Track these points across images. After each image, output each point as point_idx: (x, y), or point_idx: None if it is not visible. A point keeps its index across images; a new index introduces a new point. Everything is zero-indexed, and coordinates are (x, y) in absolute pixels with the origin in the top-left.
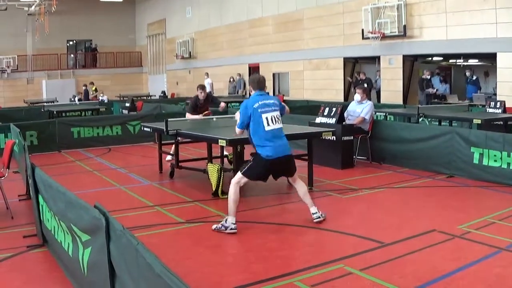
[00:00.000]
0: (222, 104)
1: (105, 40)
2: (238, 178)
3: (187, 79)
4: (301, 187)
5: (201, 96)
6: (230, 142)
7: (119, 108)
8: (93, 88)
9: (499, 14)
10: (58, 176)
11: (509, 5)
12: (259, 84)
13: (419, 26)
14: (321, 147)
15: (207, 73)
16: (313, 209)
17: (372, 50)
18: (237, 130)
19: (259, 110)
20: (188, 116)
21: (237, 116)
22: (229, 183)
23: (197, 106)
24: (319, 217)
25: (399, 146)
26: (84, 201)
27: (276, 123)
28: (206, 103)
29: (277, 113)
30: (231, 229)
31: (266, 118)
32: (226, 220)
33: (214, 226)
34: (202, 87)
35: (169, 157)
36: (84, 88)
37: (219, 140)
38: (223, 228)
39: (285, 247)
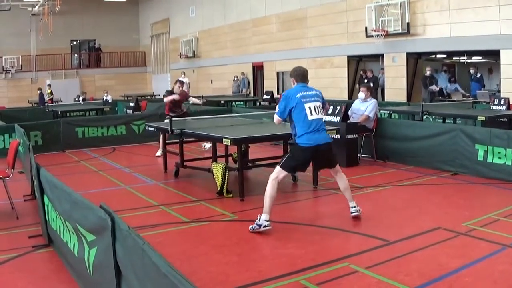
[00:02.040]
0: (194, 100)
1: (109, 40)
2: (277, 172)
3: (191, 78)
4: (342, 181)
5: (178, 90)
6: (235, 141)
7: (123, 108)
8: (49, 91)
9: (503, 10)
10: (63, 176)
11: None
12: (303, 77)
13: (423, 23)
14: None
15: (184, 72)
16: (351, 204)
17: (375, 48)
18: (276, 118)
19: (302, 100)
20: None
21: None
22: (234, 182)
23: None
24: (357, 212)
25: (403, 144)
26: (90, 201)
27: (318, 113)
28: (182, 98)
29: (319, 104)
30: (265, 226)
31: (309, 108)
32: (260, 218)
33: (250, 227)
34: (181, 82)
35: (158, 153)
36: (39, 91)
37: (224, 139)
38: (257, 227)
39: (290, 246)
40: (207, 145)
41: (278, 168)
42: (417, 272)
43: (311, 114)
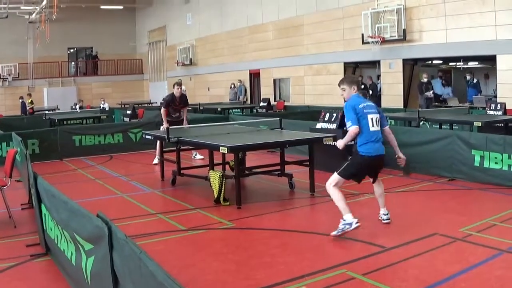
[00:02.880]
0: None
1: (105, 47)
2: (333, 179)
3: (188, 86)
4: (379, 187)
5: (177, 93)
6: (231, 149)
7: (120, 116)
8: (29, 100)
9: (498, 16)
10: (60, 184)
11: (509, 7)
12: (359, 86)
13: (419, 29)
14: (322, 153)
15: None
16: (383, 210)
17: (372, 54)
18: (351, 129)
19: (364, 111)
20: (162, 112)
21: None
22: (232, 189)
23: (173, 102)
24: (389, 219)
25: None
26: (87, 210)
27: (377, 125)
28: (181, 102)
29: (377, 116)
30: (356, 223)
31: (371, 119)
32: (344, 220)
33: (333, 233)
34: (179, 84)
35: (155, 161)
36: (20, 100)
37: (221, 147)
38: (346, 227)
39: (287, 253)
40: (199, 155)
41: (335, 175)
42: (413, 278)
43: (373, 125)
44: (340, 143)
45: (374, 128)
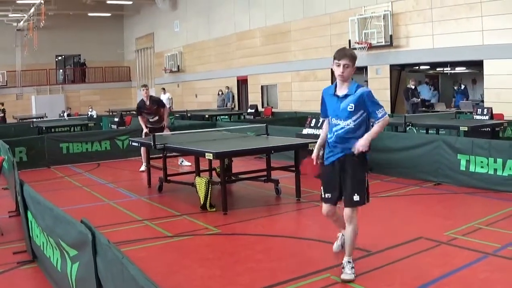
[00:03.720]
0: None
1: (93, 55)
2: (357, 210)
3: (176, 93)
4: None
5: (144, 96)
6: (217, 155)
7: (108, 123)
8: (1, 109)
9: (485, 21)
10: (47, 192)
11: (495, 12)
12: None
13: (406, 35)
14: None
15: (164, 89)
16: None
17: (359, 60)
18: (387, 117)
19: None
20: (140, 119)
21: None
22: (218, 195)
23: (144, 107)
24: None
25: (385, 155)
26: (71, 217)
27: None
28: (153, 104)
29: None
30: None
31: None
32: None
33: (348, 278)
34: (145, 85)
35: (142, 168)
36: None
37: (206, 154)
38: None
39: (272, 258)
40: (186, 162)
41: (359, 202)
42: (398, 282)
43: None
44: (365, 143)
45: None
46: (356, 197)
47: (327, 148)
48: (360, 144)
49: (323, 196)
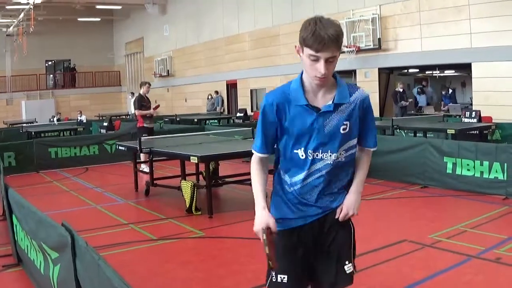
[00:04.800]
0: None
1: (83, 59)
2: None
3: (165, 97)
4: None
5: (146, 90)
6: (202, 159)
7: (97, 128)
8: None
9: (473, 24)
10: (35, 196)
11: (483, 15)
12: None
13: (394, 38)
14: None
15: (133, 93)
16: None
17: (348, 63)
18: None
19: None
20: (139, 112)
21: None
22: (205, 199)
23: (143, 101)
24: None
25: (372, 159)
26: (52, 220)
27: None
28: (149, 102)
29: None
30: None
31: None
32: None
33: None
34: (148, 82)
35: (144, 168)
36: None
37: (191, 157)
38: None
39: (256, 261)
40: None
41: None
42: (380, 284)
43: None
44: (357, 202)
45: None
46: (349, 267)
47: (282, 205)
48: (351, 205)
49: (274, 280)
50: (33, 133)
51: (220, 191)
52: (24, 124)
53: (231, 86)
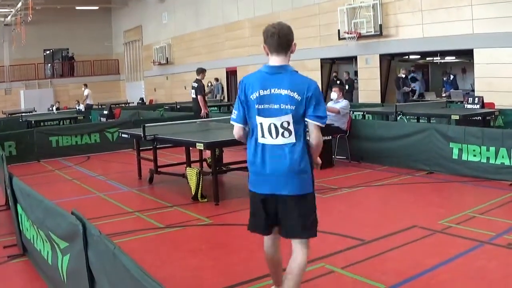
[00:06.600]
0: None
1: (82, 48)
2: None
3: (164, 85)
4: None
5: (203, 78)
6: (208, 146)
7: (97, 116)
8: None
9: (475, 10)
10: (37, 185)
11: (485, 1)
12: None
13: (395, 25)
14: None
15: (86, 84)
16: None
17: (348, 50)
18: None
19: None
20: (201, 100)
21: None
22: (209, 186)
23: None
24: None
25: (377, 145)
26: (61, 208)
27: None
28: None
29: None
30: None
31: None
32: None
33: None
34: (204, 69)
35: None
36: None
37: (197, 144)
38: None
39: None
40: None
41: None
42: (393, 270)
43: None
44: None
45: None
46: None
47: None
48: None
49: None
50: (33, 122)
51: (224, 178)
52: (24, 114)
53: (231, 73)
